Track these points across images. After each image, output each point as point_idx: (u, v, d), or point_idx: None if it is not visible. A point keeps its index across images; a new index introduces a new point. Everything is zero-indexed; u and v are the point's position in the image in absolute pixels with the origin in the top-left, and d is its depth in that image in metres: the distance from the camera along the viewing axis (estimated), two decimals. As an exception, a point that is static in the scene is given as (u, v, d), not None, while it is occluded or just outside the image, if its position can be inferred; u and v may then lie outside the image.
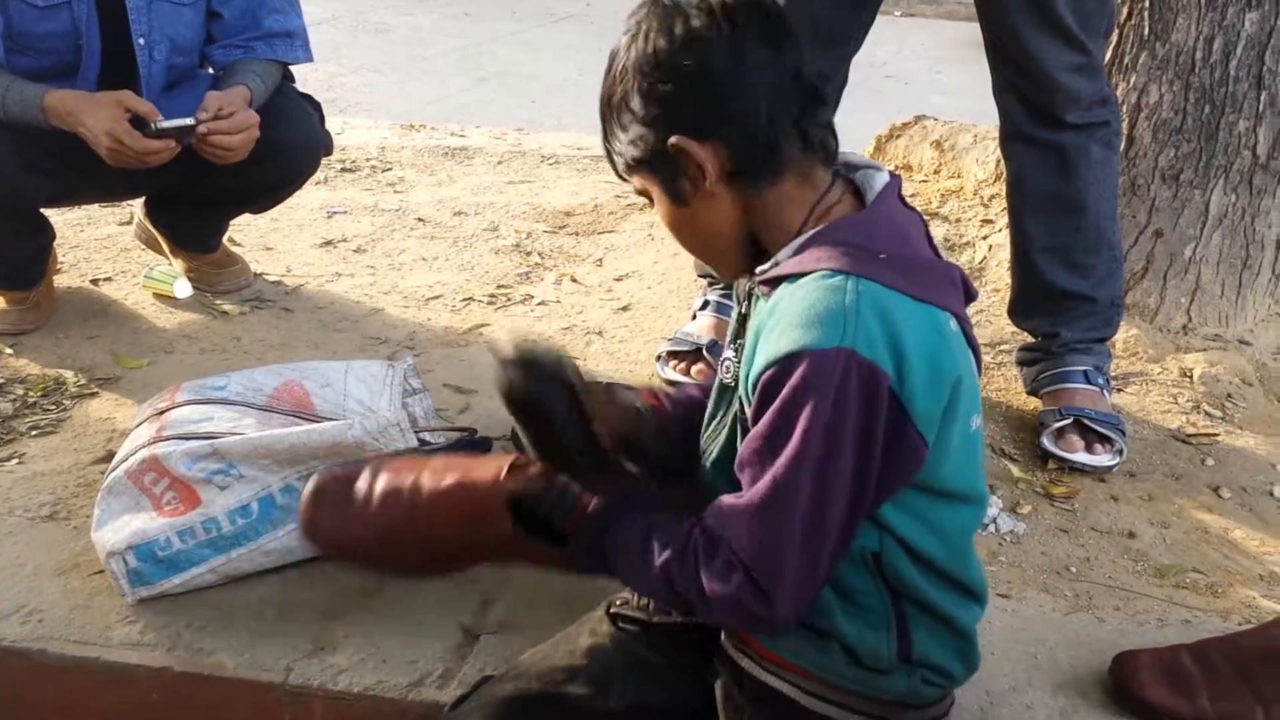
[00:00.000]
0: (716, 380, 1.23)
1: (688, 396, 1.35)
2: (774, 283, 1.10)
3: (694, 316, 2.22)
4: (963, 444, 1.10)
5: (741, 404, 1.13)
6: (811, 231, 1.10)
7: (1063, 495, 1.82)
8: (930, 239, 1.17)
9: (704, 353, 2.09)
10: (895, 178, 1.16)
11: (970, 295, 1.18)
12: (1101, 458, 1.88)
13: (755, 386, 1.05)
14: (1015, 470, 1.87)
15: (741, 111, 1.10)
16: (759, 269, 1.14)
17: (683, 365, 2.11)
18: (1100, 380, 2.00)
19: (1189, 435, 2.01)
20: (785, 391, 1.01)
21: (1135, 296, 2.36)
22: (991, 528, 1.72)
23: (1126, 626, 1.53)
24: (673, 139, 1.11)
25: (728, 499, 1.08)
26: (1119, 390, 2.13)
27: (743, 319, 1.18)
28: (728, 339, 1.22)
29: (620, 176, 1.20)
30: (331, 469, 1.32)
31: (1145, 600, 1.59)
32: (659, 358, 2.15)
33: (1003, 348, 2.27)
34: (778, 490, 1.03)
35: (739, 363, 1.15)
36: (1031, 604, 1.57)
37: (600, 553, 1.15)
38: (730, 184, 1.12)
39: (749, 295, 1.17)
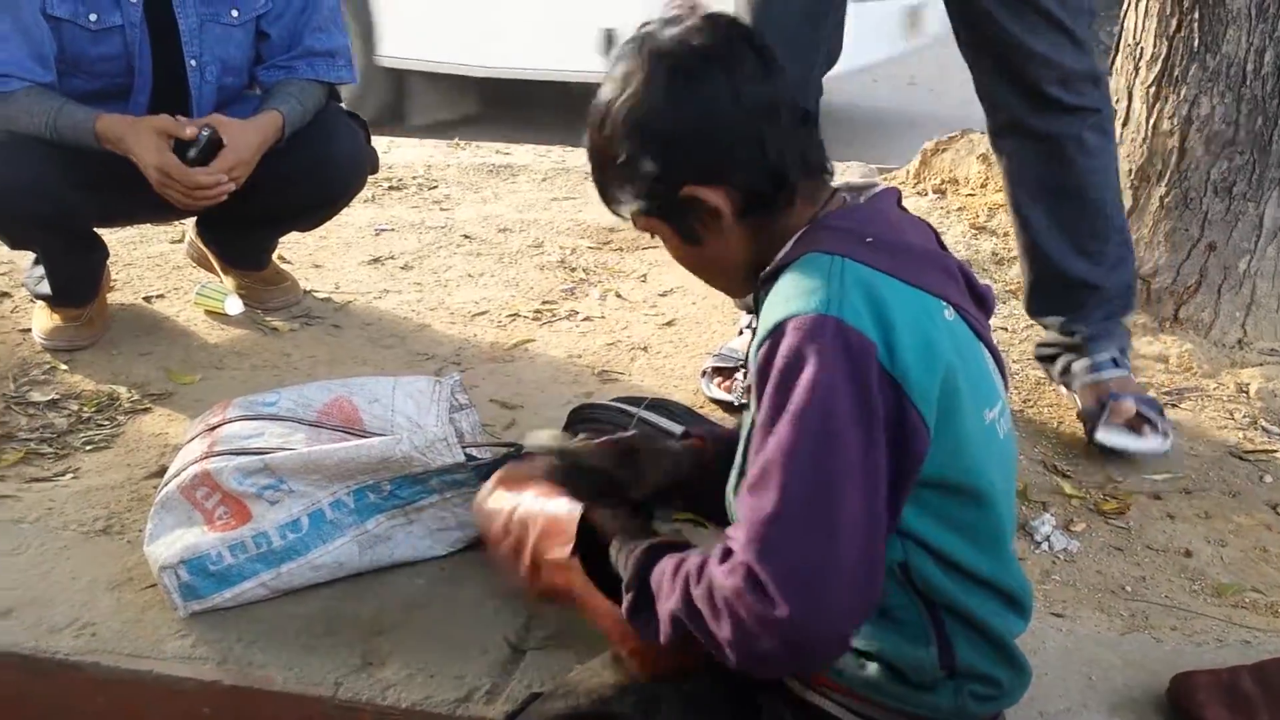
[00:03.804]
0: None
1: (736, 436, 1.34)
2: (771, 280, 1.11)
3: (740, 333, 2.22)
4: (979, 437, 1.08)
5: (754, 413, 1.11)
6: (801, 230, 1.12)
7: (1115, 512, 1.79)
8: (940, 242, 1.18)
9: (745, 367, 2.07)
10: (894, 189, 1.17)
11: (982, 298, 1.17)
12: (1152, 440, 1.88)
13: (755, 372, 1.04)
14: (1068, 487, 1.85)
15: (748, 153, 1.10)
16: (763, 274, 1.14)
17: (727, 382, 2.10)
18: (1126, 362, 2.00)
19: (1246, 452, 1.98)
20: (777, 360, 1.00)
21: (1189, 311, 2.32)
22: (1045, 546, 1.70)
23: (1184, 647, 1.50)
24: (684, 190, 1.11)
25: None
26: (1174, 406, 2.10)
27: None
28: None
29: (618, 215, 1.20)
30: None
31: (1203, 620, 1.56)
32: (703, 374, 2.14)
33: (1053, 363, 2.24)
34: (770, 465, 0.97)
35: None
36: (1086, 623, 1.54)
37: (645, 589, 1.13)
38: (743, 219, 1.13)
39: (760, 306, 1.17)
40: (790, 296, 1.03)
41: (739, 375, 2.06)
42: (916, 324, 1.02)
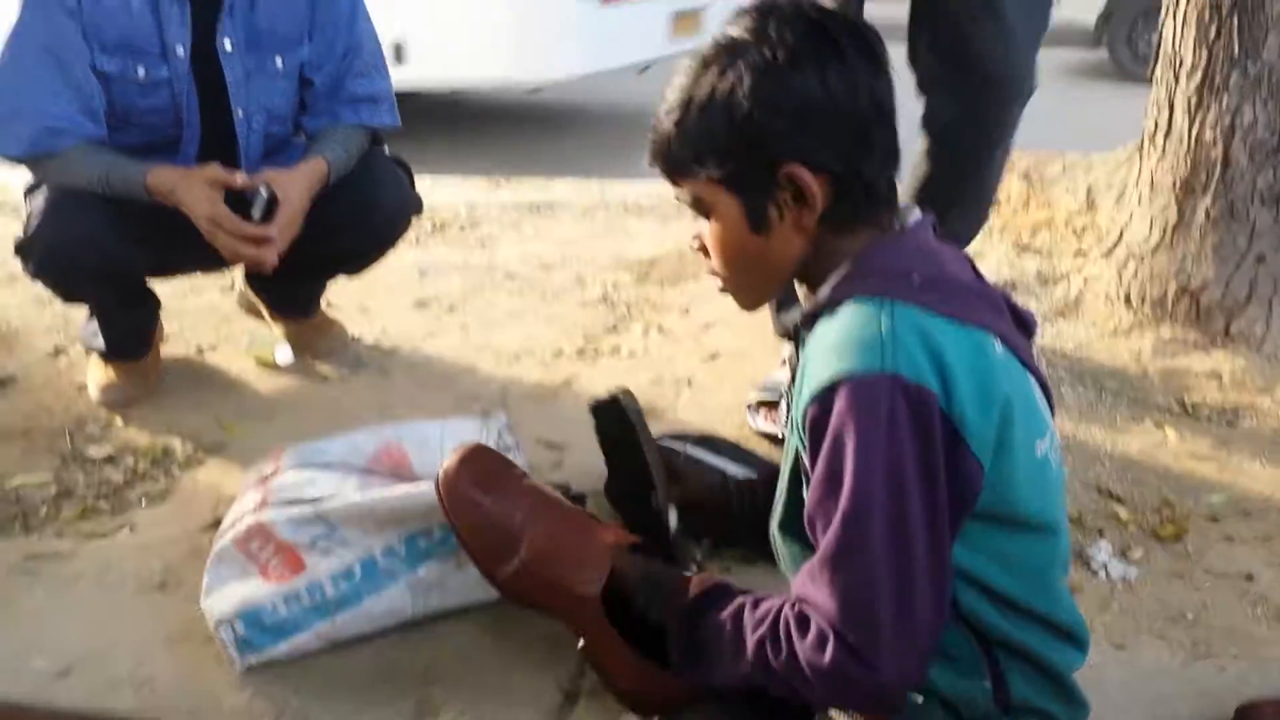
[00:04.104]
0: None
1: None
2: (814, 319, 1.09)
3: (783, 363, 2.21)
4: (1030, 470, 1.06)
5: (798, 451, 1.11)
6: (844, 265, 1.09)
7: (1173, 536, 1.76)
8: (975, 270, 1.16)
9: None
10: (928, 215, 1.15)
11: (1025, 323, 1.15)
12: None
13: (805, 428, 1.03)
14: (1123, 512, 1.82)
15: (862, 150, 1.08)
16: (805, 310, 1.13)
17: (773, 414, 2.09)
18: None
19: (1306, 470, 1.94)
20: (832, 424, 0.99)
21: (1240, 326, 2.28)
22: (1102, 574, 1.67)
23: (1249, 675, 1.47)
24: (786, 168, 1.07)
25: (808, 564, 1.04)
26: (1228, 425, 2.06)
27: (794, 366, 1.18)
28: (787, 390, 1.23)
29: (669, 175, 1.16)
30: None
31: (1268, 647, 1.53)
32: (749, 407, 2.14)
33: (1105, 384, 2.21)
34: (848, 536, 0.99)
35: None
36: (1148, 653, 1.51)
37: (698, 644, 1.13)
38: (822, 220, 1.10)
39: (800, 342, 1.16)
40: (841, 351, 1.01)
41: (783, 407, 2.06)
42: (972, 366, 1.01)
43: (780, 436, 2.02)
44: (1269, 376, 2.20)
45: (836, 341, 1.02)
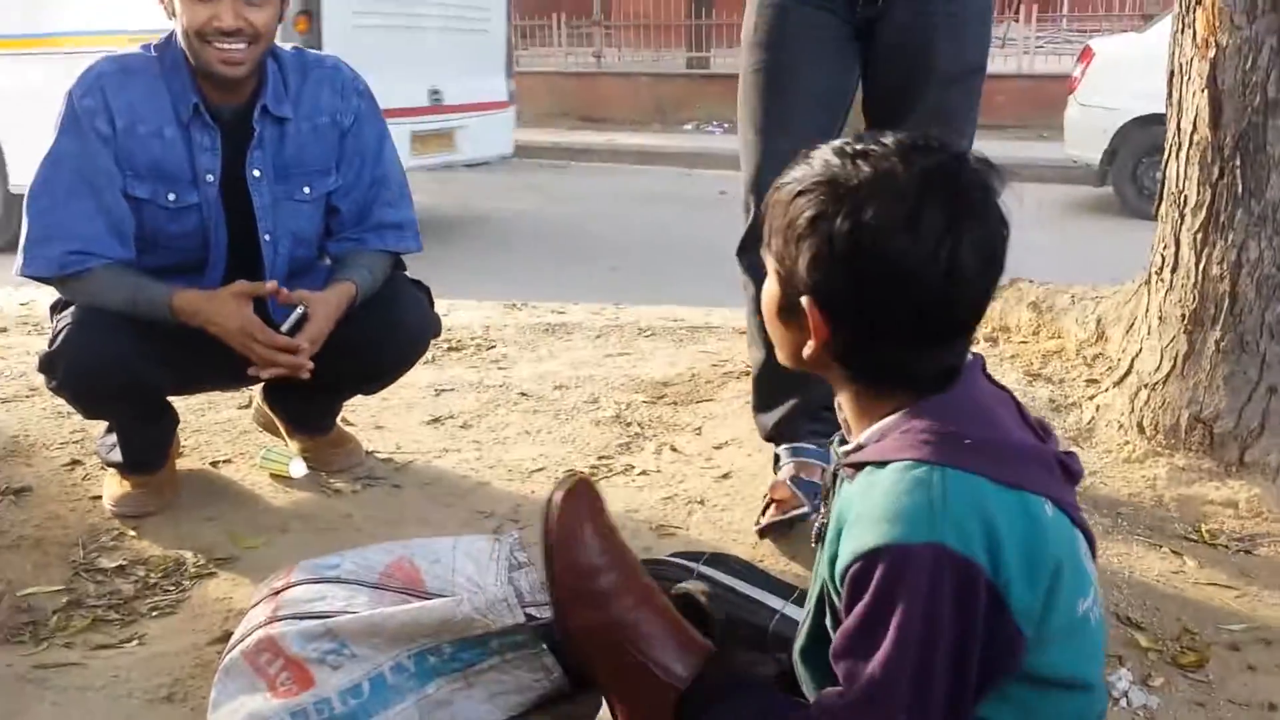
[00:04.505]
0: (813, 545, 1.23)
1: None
2: (858, 465, 1.08)
3: (776, 469, 2.28)
4: (1068, 630, 1.05)
5: (826, 587, 1.11)
6: (895, 416, 1.08)
7: (1194, 665, 1.73)
8: (1024, 415, 1.14)
9: (788, 486, 2.18)
10: (978, 357, 1.13)
11: (1072, 474, 1.13)
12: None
13: (843, 580, 1.03)
14: (1143, 640, 1.80)
15: (901, 331, 1.05)
16: (843, 449, 1.13)
17: (771, 508, 2.14)
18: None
19: (1325, 600, 1.92)
20: (873, 588, 0.99)
21: (1255, 455, 2.29)
22: (1124, 702, 1.64)
23: (1276, 809, 1.43)
24: (804, 297, 1.07)
25: (830, 694, 1.05)
26: (1246, 553, 2.05)
27: (826, 491, 1.19)
28: (820, 504, 1.23)
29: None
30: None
31: (1294, 780, 1.49)
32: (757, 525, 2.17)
33: (1121, 510, 2.20)
34: (874, 696, 1.00)
35: (825, 525, 1.14)
36: (1170, 785, 1.48)
37: None
38: (844, 366, 1.11)
39: (834, 477, 1.16)
40: (889, 516, 1.00)
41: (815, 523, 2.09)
42: (1023, 535, 1.00)
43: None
44: (1285, 506, 2.19)
45: (884, 505, 1.01)
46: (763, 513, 2.17)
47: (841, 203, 1.03)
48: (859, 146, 1.07)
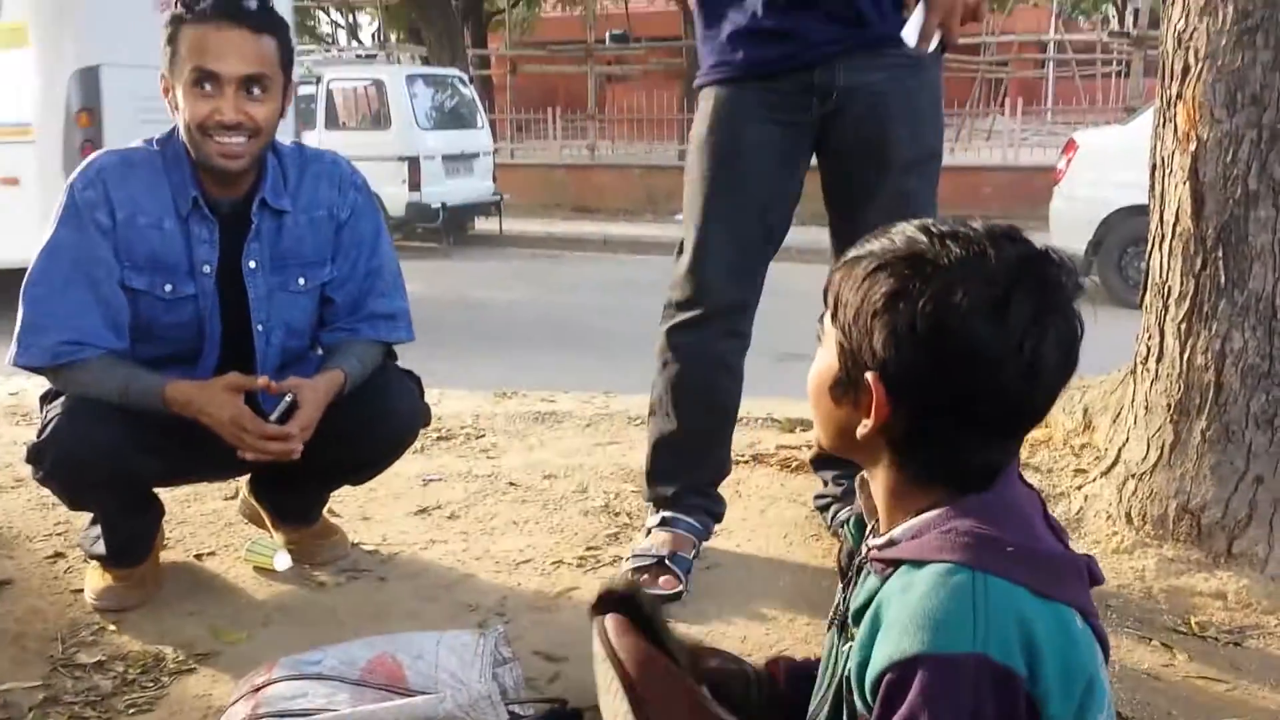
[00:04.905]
0: (826, 634, 1.21)
1: (809, 674, 1.32)
2: (890, 561, 1.06)
3: (647, 533, 2.36)
4: None
5: (845, 684, 1.08)
6: (933, 513, 1.06)
7: (1187, 762, 1.71)
8: (1050, 520, 1.12)
9: (665, 563, 2.27)
10: (1016, 462, 1.12)
11: (1096, 580, 1.11)
12: None
13: (876, 687, 0.99)
14: (1133, 735, 1.78)
15: (963, 416, 1.04)
16: (874, 542, 1.11)
17: (647, 577, 2.23)
18: None
19: (1318, 694, 1.90)
20: (912, 699, 0.96)
21: (1242, 546, 2.28)
22: (1113, 800, 1.62)
23: None
24: (869, 374, 1.06)
25: None
26: (1235, 645, 2.03)
27: (845, 571, 1.19)
28: (839, 575, 1.21)
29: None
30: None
31: None
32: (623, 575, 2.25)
33: (1110, 602, 2.19)
34: None
35: (849, 611, 1.12)
36: None
37: None
38: (885, 445, 1.09)
39: (859, 568, 1.14)
40: (930, 624, 0.97)
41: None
42: (1061, 647, 0.99)
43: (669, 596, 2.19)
44: (1274, 597, 2.18)
45: (924, 610, 0.98)
46: (634, 576, 2.24)
47: (928, 282, 1.02)
48: (945, 227, 1.06)
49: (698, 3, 2.29)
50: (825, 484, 2.62)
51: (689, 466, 2.42)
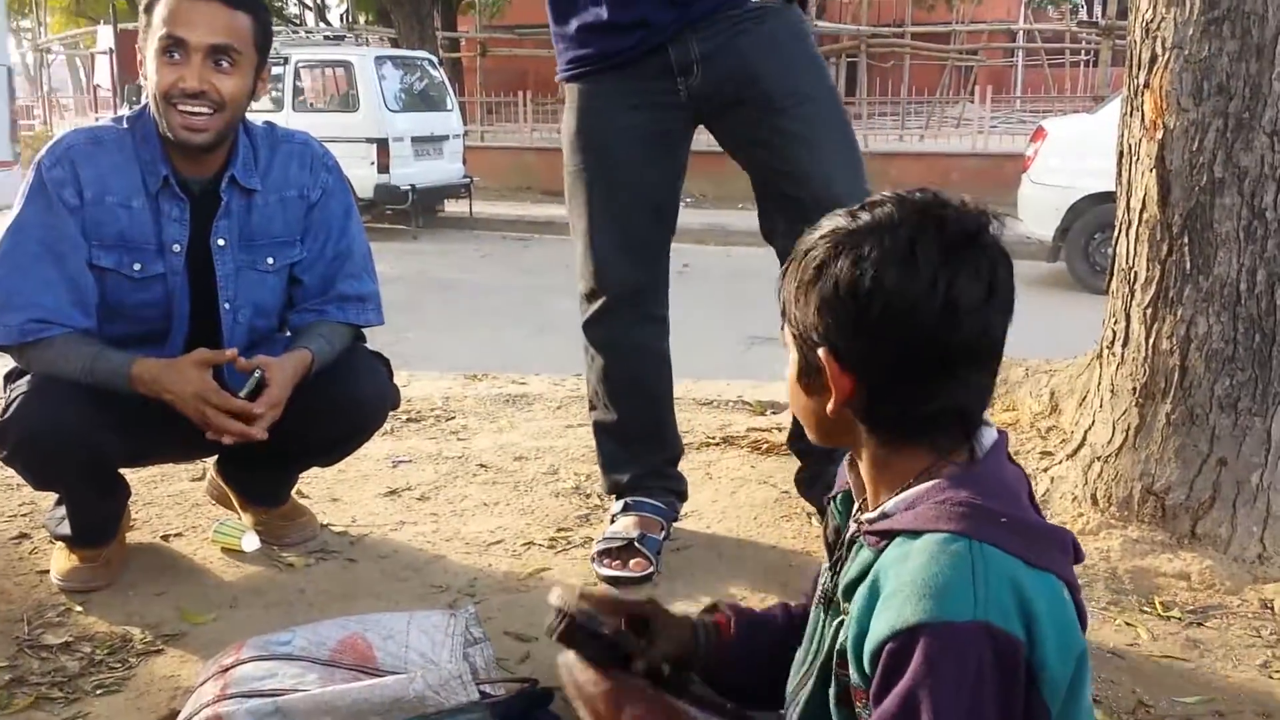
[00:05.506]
0: (812, 611, 1.22)
1: (764, 619, 1.33)
2: (884, 534, 1.08)
3: (613, 521, 2.38)
4: (1088, 712, 1.06)
5: (834, 657, 1.09)
6: (926, 484, 1.08)
7: (1150, 739, 1.74)
8: (1033, 498, 1.14)
9: (635, 545, 2.28)
10: (1003, 434, 1.13)
11: (1078, 557, 1.13)
12: None
13: (876, 657, 1.00)
14: (1099, 714, 1.79)
15: (918, 373, 1.07)
16: (865, 516, 1.12)
17: (617, 561, 2.26)
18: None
19: (1276, 671, 1.93)
20: (914, 666, 0.96)
21: (1206, 527, 2.31)
22: (1078, 777, 1.64)
23: None
24: (820, 349, 1.09)
25: None
26: (1198, 625, 2.06)
27: (832, 546, 1.19)
28: (825, 555, 1.21)
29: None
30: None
31: None
32: (592, 559, 2.30)
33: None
34: None
35: (837, 587, 1.12)
36: None
37: None
38: (862, 420, 1.11)
39: (850, 541, 1.15)
40: (931, 592, 0.98)
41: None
42: (1055, 615, 1.00)
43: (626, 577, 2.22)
44: (1237, 578, 2.21)
45: (923, 579, 0.99)
46: (603, 559, 2.28)
47: (844, 247, 1.08)
48: (862, 204, 1.12)
49: (549, 1, 2.30)
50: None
51: (638, 452, 2.45)
